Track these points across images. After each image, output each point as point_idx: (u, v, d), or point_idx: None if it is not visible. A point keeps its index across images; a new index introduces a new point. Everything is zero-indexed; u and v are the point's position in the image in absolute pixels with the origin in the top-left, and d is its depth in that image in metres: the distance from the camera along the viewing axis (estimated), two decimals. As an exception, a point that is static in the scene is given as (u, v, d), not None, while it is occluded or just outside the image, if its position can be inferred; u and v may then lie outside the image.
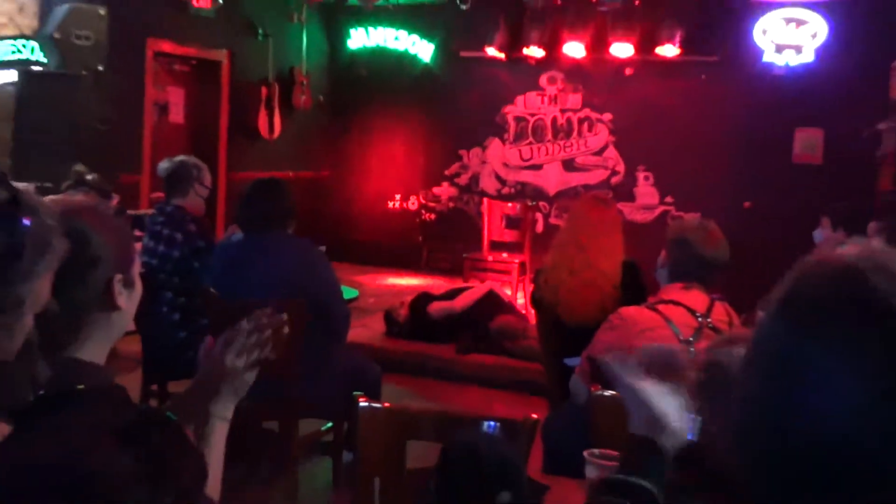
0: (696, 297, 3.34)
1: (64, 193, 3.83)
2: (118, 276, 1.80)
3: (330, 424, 4.53)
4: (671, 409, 1.62)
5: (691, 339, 3.24)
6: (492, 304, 7.17)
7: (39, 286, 1.37)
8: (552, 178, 10.25)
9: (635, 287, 4.25)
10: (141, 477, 0.84)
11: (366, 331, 7.10)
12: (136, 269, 1.88)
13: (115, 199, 4.84)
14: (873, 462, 0.92)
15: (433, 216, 10.73)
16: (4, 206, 1.29)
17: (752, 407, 1.03)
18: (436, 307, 7.06)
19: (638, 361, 1.73)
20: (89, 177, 4.31)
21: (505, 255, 8.76)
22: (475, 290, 7.41)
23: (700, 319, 3.28)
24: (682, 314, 3.29)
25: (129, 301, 1.84)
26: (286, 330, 1.88)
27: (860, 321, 0.95)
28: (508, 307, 7.26)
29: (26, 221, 1.31)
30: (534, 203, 9.78)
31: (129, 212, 5.38)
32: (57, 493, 0.83)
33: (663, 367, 1.71)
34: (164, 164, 5.11)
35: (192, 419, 1.72)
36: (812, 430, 0.95)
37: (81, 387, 1.08)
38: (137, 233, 4.52)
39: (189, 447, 0.94)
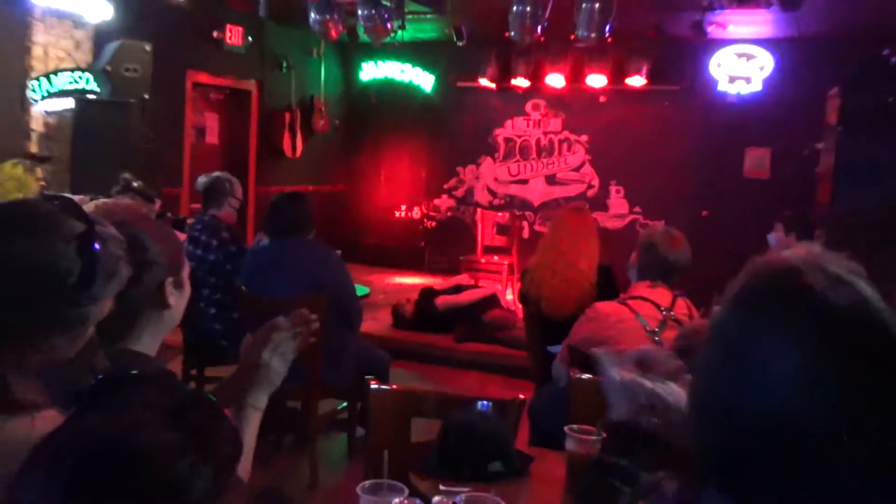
0: (661, 294, 3.34)
1: (113, 197, 3.82)
2: (170, 279, 1.82)
3: (345, 404, 4.53)
4: (668, 391, 1.62)
5: (656, 329, 3.24)
6: (487, 300, 7.17)
7: (104, 305, 1.39)
8: (536, 191, 10.24)
9: (609, 286, 4.26)
10: (185, 449, 0.85)
11: (376, 323, 7.09)
12: (186, 272, 1.89)
13: (158, 204, 4.84)
14: (809, 431, 0.92)
15: (434, 224, 10.73)
16: (81, 236, 1.29)
17: (707, 385, 1.04)
18: (443, 300, 7.06)
19: (629, 359, 1.72)
20: (135, 183, 4.31)
21: (496, 257, 8.76)
22: (480, 290, 7.42)
23: (664, 313, 3.28)
24: (648, 308, 3.29)
25: (179, 300, 1.86)
26: (315, 327, 1.87)
27: (797, 313, 0.96)
28: (500, 304, 7.27)
29: (98, 248, 1.32)
30: (520, 213, 9.79)
31: (169, 215, 5.35)
32: (112, 463, 0.83)
33: (650, 367, 1.71)
34: (201, 179, 5.11)
35: (230, 406, 1.72)
36: (756, 404, 0.96)
37: (134, 372, 1.09)
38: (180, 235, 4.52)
39: (227, 426, 0.94)
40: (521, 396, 2.63)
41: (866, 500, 0.91)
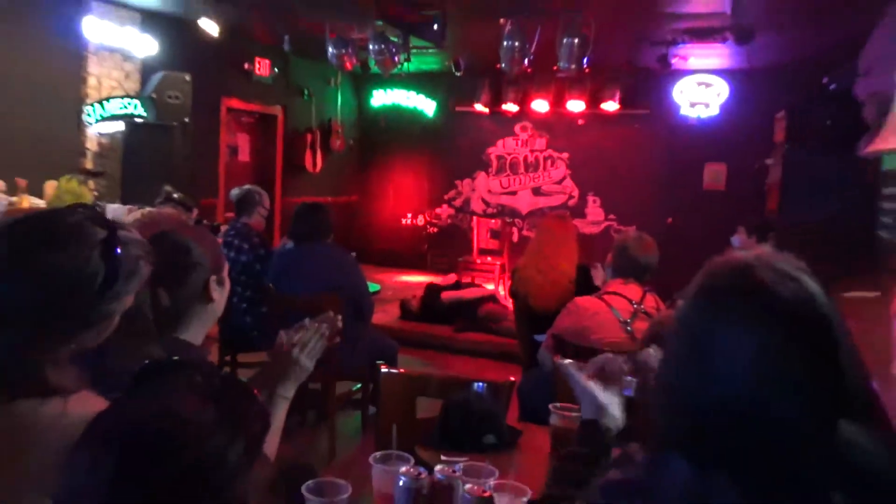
0: (633, 290, 3.34)
1: (157, 207, 3.82)
2: (213, 278, 1.84)
3: (359, 386, 4.53)
4: (610, 401, 1.64)
5: (628, 320, 3.24)
6: (485, 297, 7.18)
7: (126, 301, 1.38)
8: (524, 201, 10.24)
9: (587, 284, 4.25)
10: (221, 426, 0.84)
11: (385, 315, 7.08)
12: (226, 271, 1.90)
13: (195, 213, 4.83)
14: (762, 410, 0.94)
15: (435, 229, 10.72)
16: (104, 242, 1.29)
17: (673, 368, 1.05)
18: (448, 295, 7.05)
19: (588, 369, 1.74)
20: (175, 195, 4.30)
21: (489, 258, 8.76)
22: (480, 289, 7.42)
23: (635, 306, 3.28)
24: (621, 302, 3.29)
25: (221, 295, 1.89)
26: (339, 327, 1.88)
27: (750, 305, 0.98)
28: (494, 300, 7.26)
29: (119, 252, 1.31)
30: (510, 220, 9.77)
31: (205, 222, 5.34)
32: (158, 438, 0.82)
33: (605, 373, 1.73)
34: (234, 192, 5.11)
35: (261, 392, 1.73)
36: (715, 385, 0.97)
37: (176, 358, 1.08)
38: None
39: (257, 406, 0.94)
40: (512, 379, 2.63)
41: (814, 466, 0.93)
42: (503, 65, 6.17)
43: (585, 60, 6.00)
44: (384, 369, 2.65)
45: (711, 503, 0.93)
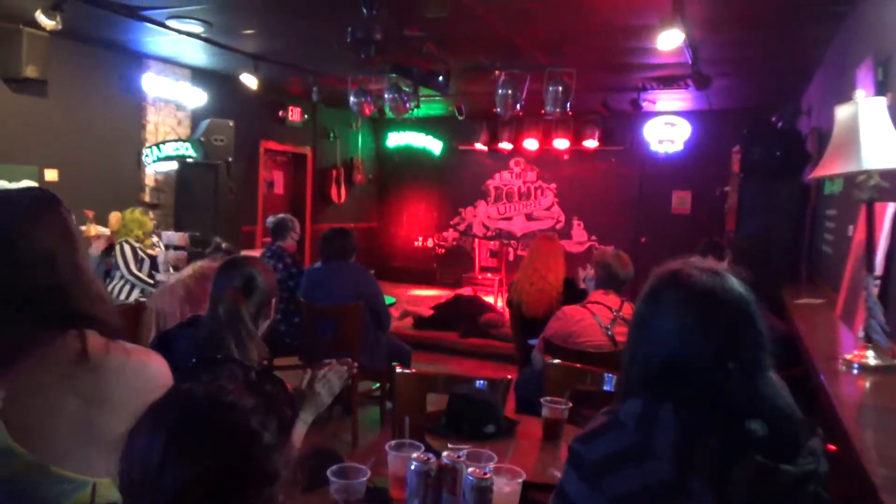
0: (613, 299, 3.33)
1: (208, 257, 3.82)
2: (273, 299, 2.12)
3: (378, 384, 4.51)
4: None
5: (609, 326, 3.23)
6: (481, 305, 7.16)
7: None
8: (518, 225, 10.24)
9: (573, 294, 4.24)
10: (259, 410, 0.88)
11: (400, 324, 7.07)
12: (277, 296, 2.14)
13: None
14: (688, 368, 1.13)
15: (443, 250, 10.72)
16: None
17: (631, 342, 1.24)
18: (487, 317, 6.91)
19: None
20: (224, 245, 4.31)
21: (489, 274, 8.75)
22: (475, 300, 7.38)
23: (615, 313, 3.27)
24: (602, 310, 3.28)
25: (275, 311, 2.15)
26: (354, 371, 2.05)
27: (679, 295, 1.17)
28: (493, 309, 7.24)
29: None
30: (507, 242, 9.78)
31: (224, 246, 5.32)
32: (206, 415, 0.85)
33: None
34: (270, 219, 5.12)
35: None
36: (653, 352, 1.17)
37: (220, 356, 1.11)
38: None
39: (288, 395, 0.96)
40: (509, 377, 2.62)
41: (734, 402, 1.09)
42: (498, 109, 6.20)
43: (568, 105, 6.03)
44: (399, 370, 2.64)
45: (658, 420, 1.09)
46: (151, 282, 4.86)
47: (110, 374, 1.18)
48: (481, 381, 2.49)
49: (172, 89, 6.80)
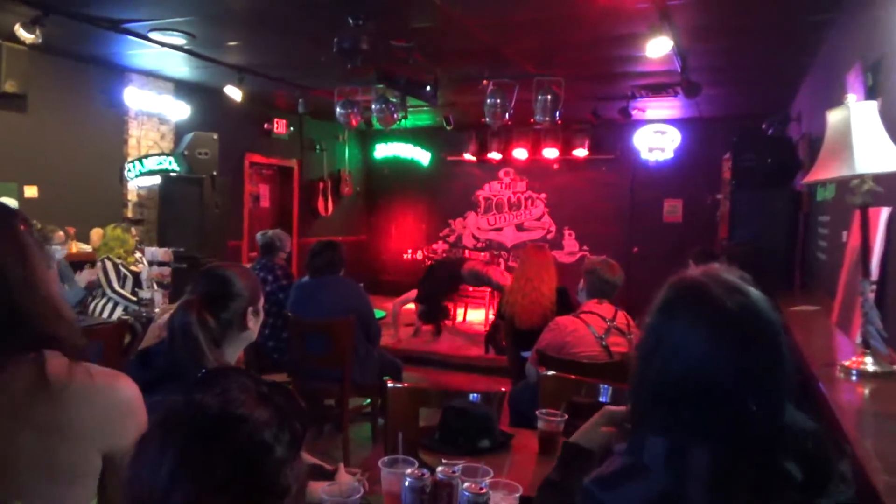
0: (606, 308, 3.33)
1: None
2: (250, 308, 1.84)
3: (369, 401, 4.49)
4: None
5: (603, 336, 3.23)
6: None
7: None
8: (509, 236, 10.26)
9: (566, 304, 4.25)
10: (272, 423, 0.87)
11: (390, 338, 7.04)
12: (261, 303, 1.92)
13: None
14: (709, 395, 1.03)
15: (433, 262, 10.71)
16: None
17: (643, 365, 1.12)
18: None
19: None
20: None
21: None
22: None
23: (609, 323, 3.27)
24: (596, 320, 3.28)
25: (255, 324, 1.92)
26: (366, 489, 1.77)
27: (703, 315, 1.06)
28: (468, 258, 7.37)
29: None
30: (497, 252, 9.79)
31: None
32: (218, 429, 0.84)
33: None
34: (259, 237, 5.08)
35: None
36: (667, 373, 1.07)
37: (231, 366, 1.09)
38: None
39: (300, 408, 0.95)
40: (503, 389, 2.61)
41: (767, 439, 1.01)
42: (487, 119, 6.23)
43: (557, 114, 6.06)
44: (391, 384, 2.62)
45: (687, 462, 0.99)
46: (134, 299, 4.81)
47: (72, 402, 1.10)
48: (475, 395, 2.48)
49: (155, 103, 6.78)
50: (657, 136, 9.02)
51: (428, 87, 6.25)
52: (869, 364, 2.04)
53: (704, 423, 1.02)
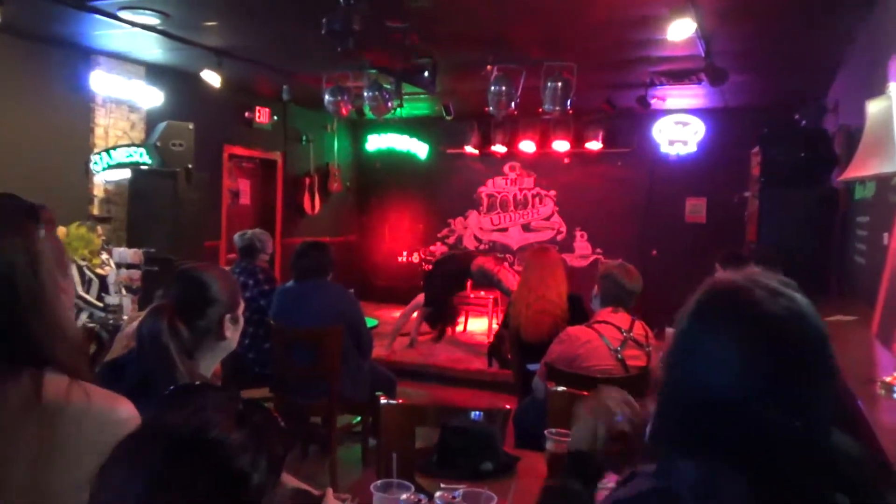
0: (622, 318, 3.33)
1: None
2: (228, 315, 1.83)
3: (359, 418, 4.48)
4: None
5: (619, 348, 3.23)
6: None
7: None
8: (515, 237, 10.27)
9: (580, 313, 4.23)
10: (249, 446, 0.86)
11: (383, 350, 7.04)
12: (241, 310, 1.90)
13: None
14: (756, 413, 0.97)
15: (430, 266, 10.71)
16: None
17: (674, 375, 1.08)
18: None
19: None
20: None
21: (482, 293, 8.70)
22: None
23: (625, 334, 3.27)
24: (611, 330, 3.28)
25: (234, 333, 1.90)
26: None
27: (744, 321, 1.01)
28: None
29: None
30: (502, 255, 9.78)
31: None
32: (190, 455, 0.84)
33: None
34: (239, 238, 5.08)
35: None
36: (699, 388, 1.02)
37: (202, 382, 1.08)
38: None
39: (280, 429, 0.95)
40: (507, 406, 2.61)
41: (813, 467, 0.96)
42: (491, 108, 6.23)
43: (569, 103, 6.07)
44: (384, 400, 2.62)
45: (719, 491, 0.96)
46: (101, 305, 4.81)
47: (67, 425, 1.12)
48: (477, 412, 2.47)
49: (125, 88, 6.78)
50: (678, 128, 9.03)
51: (426, 73, 6.26)
52: (912, 380, 2.04)
53: (741, 448, 0.98)
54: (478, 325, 8.53)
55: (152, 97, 7.03)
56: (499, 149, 9.75)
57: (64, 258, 1.30)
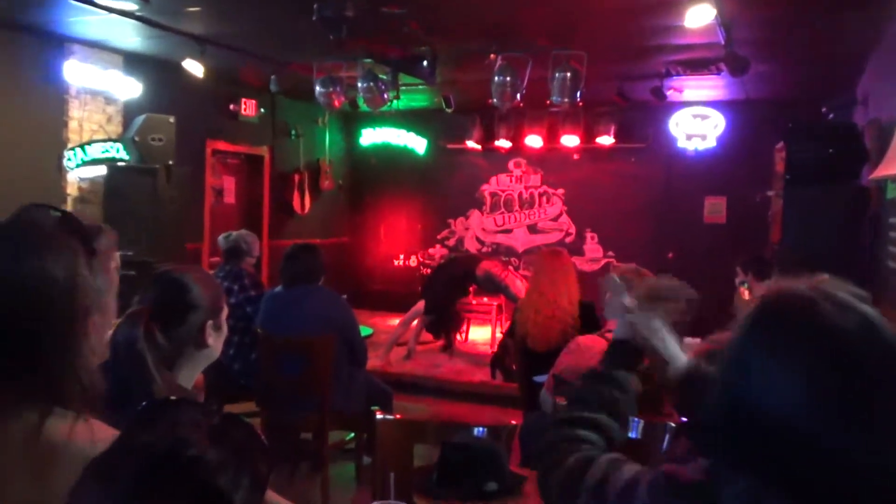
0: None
1: None
2: (210, 322, 1.82)
3: (352, 435, 4.49)
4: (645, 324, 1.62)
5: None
6: None
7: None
8: (520, 239, 10.28)
9: (592, 321, 4.23)
10: (227, 465, 0.85)
11: (378, 360, 7.04)
12: (225, 315, 1.89)
13: None
14: (818, 439, 0.94)
15: (429, 271, 10.70)
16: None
17: (720, 385, 1.06)
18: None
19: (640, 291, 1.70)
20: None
21: (485, 299, 8.70)
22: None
23: (638, 343, 3.26)
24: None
25: (216, 341, 1.88)
26: None
27: (804, 334, 0.98)
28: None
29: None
30: (506, 259, 9.80)
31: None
32: (165, 476, 0.83)
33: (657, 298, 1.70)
34: (222, 239, 5.08)
35: None
36: (753, 409, 0.99)
37: (177, 397, 1.08)
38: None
39: (261, 445, 0.95)
40: (513, 422, 2.61)
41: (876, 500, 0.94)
42: (495, 100, 6.24)
43: (578, 94, 6.08)
44: (380, 415, 2.62)
45: None
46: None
47: (68, 464, 1.09)
48: (480, 428, 2.48)
49: (101, 79, 6.79)
50: (697, 122, 9.04)
51: (424, 62, 6.27)
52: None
53: (797, 472, 0.96)
54: (480, 334, 8.53)
55: (130, 88, 7.04)
56: (503, 144, 9.77)
57: (113, 287, 1.29)
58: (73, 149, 6.50)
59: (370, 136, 10.79)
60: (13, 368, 1.13)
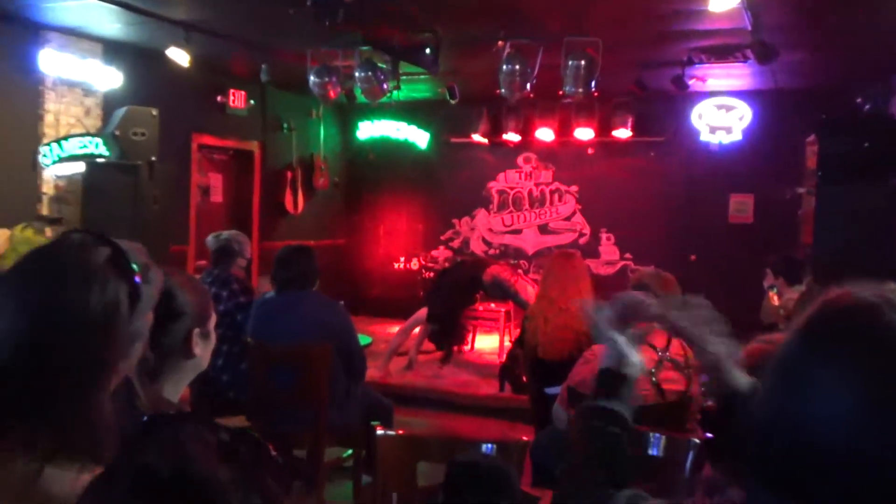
0: (657, 335, 3.32)
1: None
2: (197, 330, 1.82)
3: (350, 452, 4.48)
4: (632, 351, 1.60)
5: (653, 370, 3.22)
6: None
7: (147, 317, 1.39)
8: (530, 240, 10.28)
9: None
10: (237, 484, 0.85)
11: (377, 371, 7.04)
12: (212, 324, 1.89)
13: None
14: (874, 464, 0.91)
15: (432, 274, 10.70)
16: (111, 260, 1.29)
17: (774, 407, 1.02)
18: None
19: (612, 311, 1.71)
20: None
21: (493, 305, 8.70)
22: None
23: (660, 354, 3.26)
24: (645, 350, 3.26)
25: (204, 350, 1.87)
26: None
27: (874, 350, 0.95)
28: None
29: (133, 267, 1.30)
30: (515, 261, 9.80)
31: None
32: (172, 496, 0.83)
33: (632, 315, 1.71)
34: (211, 240, 5.09)
35: None
36: (802, 430, 0.96)
37: (182, 412, 1.08)
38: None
39: (273, 462, 0.94)
40: (524, 438, 2.61)
41: None
42: (503, 90, 6.25)
43: (593, 84, 6.08)
44: (380, 431, 2.62)
45: None
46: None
47: None
48: (488, 445, 2.48)
49: (78, 69, 6.81)
50: (721, 113, 9.03)
51: (427, 50, 6.28)
52: None
53: (837, 490, 0.93)
54: (487, 343, 8.53)
55: (110, 79, 7.06)
56: (512, 137, 9.78)
57: (146, 335, 1.30)
58: (48, 144, 6.50)
59: (368, 130, 10.79)
60: (22, 407, 1.12)
